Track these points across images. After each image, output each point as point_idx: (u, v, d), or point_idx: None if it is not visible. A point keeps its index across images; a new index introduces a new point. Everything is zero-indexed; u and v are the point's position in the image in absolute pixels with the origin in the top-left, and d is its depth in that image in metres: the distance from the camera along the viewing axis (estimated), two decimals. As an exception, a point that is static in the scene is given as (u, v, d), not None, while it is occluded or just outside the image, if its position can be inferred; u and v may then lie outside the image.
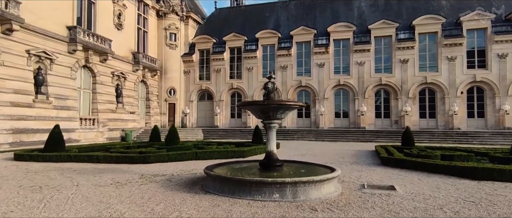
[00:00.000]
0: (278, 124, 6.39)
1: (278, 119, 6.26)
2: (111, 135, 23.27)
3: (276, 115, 6.10)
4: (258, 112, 6.26)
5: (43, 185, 6.65)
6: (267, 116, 6.17)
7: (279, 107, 5.90)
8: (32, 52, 17.64)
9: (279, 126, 6.58)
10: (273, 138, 6.37)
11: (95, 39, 21.88)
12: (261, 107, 5.99)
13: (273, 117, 6.14)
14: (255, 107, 6.13)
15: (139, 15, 28.30)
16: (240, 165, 7.21)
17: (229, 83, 30.84)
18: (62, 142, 12.68)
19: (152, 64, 28.98)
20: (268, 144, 6.39)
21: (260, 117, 6.33)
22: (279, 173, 6.04)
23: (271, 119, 6.18)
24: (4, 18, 15.58)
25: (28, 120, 17.09)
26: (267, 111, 6.03)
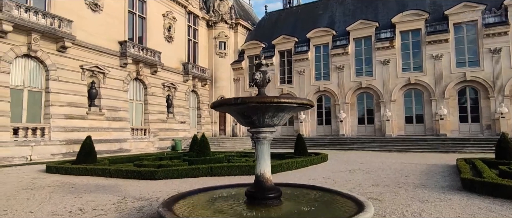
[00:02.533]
0: (270, 132, 4.27)
1: (269, 125, 4.16)
2: (161, 145, 23.44)
3: (263, 120, 4.03)
4: (236, 115, 4.28)
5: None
6: (250, 121, 4.15)
7: (264, 107, 3.80)
8: (86, 67, 18.60)
9: (274, 136, 4.43)
10: (264, 154, 4.29)
11: (145, 53, 22.46)
12: (237, 108, 4.00)
13: (260, 123, 4.07)
14: (228, 108, 4.16)
15: (189, 26, 28.63)
16: (230, 191, 5.23)
17: (279, 88, 28.89)
18: (93, 153, 12.40)
19: (202, 74, 28.92)
20: (258, 164, 4.32)
21: (243, 122, 4.33)
22: (269, 211, 3.90)
23: (256, 125, 4.14)
24: (57, 36, 16.61)
25: (81, 131, 17.88)
26: (248, 114, 4.01)
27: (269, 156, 4.36)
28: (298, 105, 3.95)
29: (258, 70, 4.37)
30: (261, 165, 4.30)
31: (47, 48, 16.55)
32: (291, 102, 3.80)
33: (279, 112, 3.99)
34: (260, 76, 4.31)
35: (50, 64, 16.71)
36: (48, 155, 15.91)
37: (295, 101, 3.84)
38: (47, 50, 16.52)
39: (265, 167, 4.29)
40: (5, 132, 14.41)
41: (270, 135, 4.27)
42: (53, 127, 16.48)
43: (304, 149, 14.21)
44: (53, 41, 16.73)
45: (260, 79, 4.31)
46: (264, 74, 4.34)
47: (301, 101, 3.94)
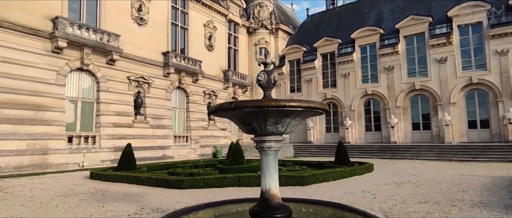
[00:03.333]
0: (276, 142, 3.67)
1: (274, 133, 3.57)
2: (203, 151, 23.83)
3: (265, 127, 3.46)
4: (237, 122, 3.76)
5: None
6: (251, 128, 3.61)
7: (264, 112, 3.24)
8: (132, 78, 19.72)
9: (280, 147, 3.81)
10: (269, 167, 3.70)
11: (187, 62, 23.20)
12: (233, 114, 3.49)
13: (262, 131, 3.51)
14: (224, 113, 3.64)
15: (229, 34, 29.03)
16: (240, 207, 4.69)
17: (322, 93, 27.64)
18: (132, 160, 12.84)
19: (242, 81, 29.00)
20: (262, 178, 3.75)
21: (244, 130, 3.79)
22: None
23: (259, 133, 3.59)
24: (107, 50, 17.86)
25: (127, 139, 18.82)
26: (247, 120, 3.48)
27: (276, 169, 3.76)
28: (305, 110, 3.29)
29: (262, 71, 3.82)
30: (266, 179, 3.71)
31: (98, 62, 17.86)
32: (294, 106, 3.18)
33: (283, 118, 3.39)
34: (264, 77, 3.76)
35: (101, 77, 17.99)
36: (98, 161, 17.02)
37: (299, 105, 3.20)
38: (97, 63, 17.84)
39: (270, 182, 3.69)
40: (61, 140, 15.75)
41: (276, 144, 3.67)
42: (103, 135, 17.64)
43: (345, 157, 13.07)
44: (103, 54, 18.02)
45: (264, 80, 3.76)
46: (269, 74, 3.78)
47: (307, 105, 3.28)
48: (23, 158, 14.27)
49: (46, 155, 15.08)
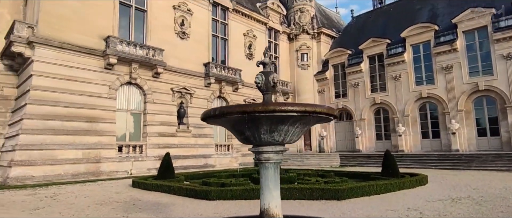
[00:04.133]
0: (275, 153, 3.21)
1: (271, 143, 3.13)
2: (244, 160, 23.74)
3: (259, 136, 3.05)
4: (231, 130, 3.39)
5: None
6: (244, 137, 3.24)
7: (253, 119, 2.83)
8: (175, 90, 20.59)
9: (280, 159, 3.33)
10: (268, 182, 3.25)
11: (227, 71, 23.59)
12: (223, 120, 3.13)
13: (256, 140, 3.11)
14: (213, 120, 3.28)
15: (269, 42, 28.93)
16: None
17: (371, 98, 25.82)
18: (171, 169, 13.18)
19: (284, 88, 28.54)
20: (261, 195, 3.30)
21: (239, 139, 3.41)
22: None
23: (253, 143, 3.18)
24: (152, 64, 18.92)
25: (171, 148, 19.56)
26: (238, 128, 3.10)
27: (277, 184, 3.30)
28: (302, 115, 2.80)
29: (260, 72, 3.42)
30: (265, 197, 3.26)
31: (144, 75, 18.99)
32: (286, 110, 2.71)
33: (279, 125, 2.94)
34: (262, 79, 3.36)
35: (147, 89, 19.08)
36: (144, 169, 17.90)
37: (293, 109, 2.73)
38: (144, 77, 18.97)
39: (270, 200, 3.23)
40: (111, 149, 16.92)
41: (275, 156, 3.22)
42: (149, 144, 18.57)
43: (393, 168, 11.78)
44: (149, 68, 19.12)
45: (262, 82, 3.36)
46: (267, 76, 3.38)
47: (303, 109, 2.78)
48: (79, 166, 15.58)
49: (99, 163, 16.29)
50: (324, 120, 3.33)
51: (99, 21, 17.29)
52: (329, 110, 2.97)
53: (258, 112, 2.69)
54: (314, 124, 3.62)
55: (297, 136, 3.22)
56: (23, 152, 14.01)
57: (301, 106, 2.79)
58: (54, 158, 14.82)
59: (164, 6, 20.63)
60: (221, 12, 24.77)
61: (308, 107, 2.82)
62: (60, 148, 15.12)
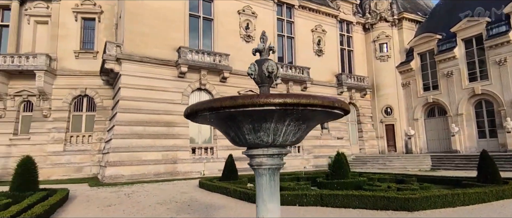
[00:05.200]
0: (269, 157, 2.60)
1: (259, 145, 2.52)
2: (317, 162, 22.63)
3: (243, 136, 2.50)
4: (217, 128, 2.89)
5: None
6: (231, 138, 2.70)
7: (232, 116, 2.30)
8: (241, 93, 20.95)
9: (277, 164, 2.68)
10: (263, 192, 2.63)
11: (294, 70, 22.92)
12: (199, 119, 2.65)
13: (241, 141, 2.55)
14: (193, 119, 2.80)
15: (341, 35, 27.06)
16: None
17: (469, 88, 21.51)
18: (234, 171, 13.25)
19: (360, 83, 26.19)
20: (257, 207, 2.71)
21: (228, 139, 2.87)
22: None
23: (240, 144, 2.64)
24: (219, 69, 19.69)
25: (238, 149, 19.96)
26: (222, 127, 2.61)
27: (274, 194, 2.66)
28: (282, 108, 2.13)
29: (254, 62, 2.85)
30: (260, 210, 2.67)
31: (213, 81, 19.89)
32: (258, 103, 2.09)
33: (262, 122, 2.33)
34: (254, 68, 2.78)
35: (215, 94, 19.92)
36: (216, 170, 18.63)
37: (267, 102, 2.08)
38: (212, 82, 19.87)
39: (265, 213, 2.62)
40: (186, 151, 18.17)
41: (269, 160, 2.60)
42: (219, 146, 19.30)
43: (493, 172, 9.36)
44: (216, 74, 19.95)
45: (255, 73, 2.78)
46: (260, 65, 2.78)
47: (282, 101, 2.10)
48: (159, 166, 17.16)
49: (175, 164, 17.67)
50: (333, 116, 2.56)
51: (172, 34, 18.85)
52: (325, 101, 2.22)
53: (226, 107, 2.16)
54: (320, 121, 2.86)
55: (294, 135, 2.53)
56: (115, 154, 16.16)
57: (280, 97, 2.13)
58: (139, 159, 16.67)
59: (229, 12, 21.28)
60: (286, 11, 24.28)
61: (290, 99, 2.14)
62: (144, 150, 16.93)
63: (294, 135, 2.52)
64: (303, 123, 2.46)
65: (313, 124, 2.60)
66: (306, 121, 2.46)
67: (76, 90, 19.92)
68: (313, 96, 2.27)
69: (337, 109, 2.33)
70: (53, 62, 19.66)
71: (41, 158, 18.49)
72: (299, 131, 2.53)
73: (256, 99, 2.11)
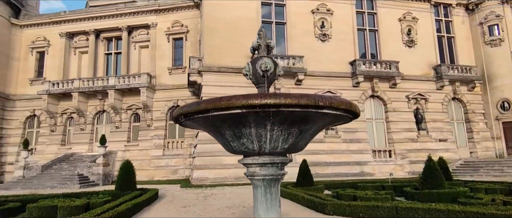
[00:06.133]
0: (262, 166, 2.29)
1: (246, 153, 2.25)
2: (413, 169, 19.83)
3: (228, 143, 2.29)
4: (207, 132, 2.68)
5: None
6: (221, 144, 2.50)
7: (210, 121, 2.13)
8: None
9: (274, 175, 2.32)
10: (258, 205, 2.32)
11: (379, 66, 20.82)
12: (187, 124, 2.51)
13: (228, 148, 2.34)
14: (187, 124, 2.65)
15: (437, 21, 23.37)
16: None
17: None
18: (308, 176, 12.80)
19: (466, 75, 21.95)
20: None
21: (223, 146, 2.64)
22: None
23: (231, 151, 2.43)
24: (292, 72, 19.44)
25: (320, 154, 19.18)
26: (211, 132, 2.44)
27: (272, 209, 2.30)
28: (249, 111, 1.82)
29: (249, 61, 2.59)
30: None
31: (287, 85, 19.68)
32: (220, 107, 1.84)
33: (241, 127, 2.06)
34: (249, 68, 2.54)
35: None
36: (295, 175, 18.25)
37: (230, 105, 1.81)
38: (287, 86, 19.68)
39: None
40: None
41: (262, 170, 2.28)
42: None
43: None
44: (290, 77, 19.65)
45: (250, 73, 2.53)
46: (254, 64, 2.51)
47: (246, 103, 1.78)
48: (238, 170, 17.63)
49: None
50: (338, 118, 2.09)
51: (246, 43, 19.44)
52: (304, 100, 1.79)
53: (192, 113, 1.99)
54: (321, 125, 2.36)
55: (285, 142, 2.16)
56: (200, 158, 17.63)
57: (244, 98, 1.82)
58: (221, 163, 17.73)
59: (303, 13, 20.87)
60: (367, 2, 22.39)
61: (255, 99, 1.81)
62: (224, 155, 17.87)
63: (284, 141, 2.16)
64: (292, 127, 2.08)
65: (310, 127, 2.18)
66: (295, 125, 2.07)
67: (170, 102, 22.67)
68: (285, 95, 1.89)
69: (326, 109, 1.88)
70: (152, 79, 22.92)
71: (146, 161, 21.67)
72: (290, 136, 2.15)
73: (218, 103, 1.87)
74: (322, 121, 2.18)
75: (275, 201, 2.37)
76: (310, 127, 2.18)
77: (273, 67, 2.49)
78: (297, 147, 2.30)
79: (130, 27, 24.49)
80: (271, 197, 2.36)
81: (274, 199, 2.36)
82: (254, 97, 1.82)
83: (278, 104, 1.81)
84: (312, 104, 1.85)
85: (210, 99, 2.01)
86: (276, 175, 2.38)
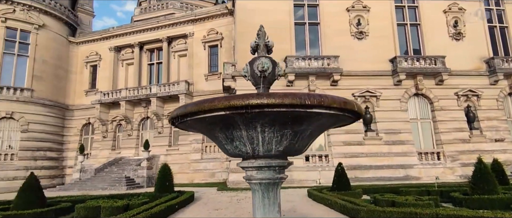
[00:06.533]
0: (258, 169, 2.26)
1: (241, 156, 2.25)
2: (465, 172, 17.99)
3: (222, 145, 2.31)
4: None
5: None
6: (219, 145, 2.52)
7: (203, 124, 2.17)
8: (356, 95, 19.31)
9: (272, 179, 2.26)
10: (256, 211, 2.31)
11: (422, 62, 19.43)
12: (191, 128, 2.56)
13: (225, 150, 2.36)
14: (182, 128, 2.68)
15: (488, 10, 21.26)
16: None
17: None
18: (344, 180, 12.29)
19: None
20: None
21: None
22: None
23: (228, 154, 2.45)
24: (327, 73, 18.95)
25: (359, 157, 18.38)
26: (203, 133, 2.47)
27: (270, 215, 2.25)
28: (234, 113, 1.80)
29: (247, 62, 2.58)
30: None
31: (322, 86, 19.21)
32: (206, 109, 1.85)
33: (231, 130, 2.07)
34: (247, 69, 2.55)
35: (327, 99, 19.17)
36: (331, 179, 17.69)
37: (213, 107, 1.81)
38: (322, 87, 19.19)
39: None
40: (299, 159, 18.11)
41: (259, 174, 2.24)
42: (334, 153, 18.36)
43: None
44: (326, 78, 19.20)
45: (248, 74, 2.53)
46: (252, 64, 2.50)
47: (228, 104, 1.76)
48: (275, 174, 17.83)
49: (290, 172, 17.83)
50: (338, 120, 2.00)
51: (278, 46, 19.11)
52: (289, 100, 1.73)
53: (182, 115, 2.04)
54: (321, 126, 2.24)
55: (279, 144, 2.10)
56: (234, 161, 17.88)
57: (226, 100, 1.81)
58: (257, 166, 17.81)
59: (337, 12, 20.31)
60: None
61: (237, 101, 1.79)
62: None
63: (278, 143, 2.11)
64: (285, 129, 2.04)
65: (305, 129, 2.11)
66: (287, 126, 2.02)
67: (207, 108, 23.37)
68: (268, 94, 1.84)
69: (316, 108, 1.80)
70: (190, 86, 23.89)
71: (186, 165, 22.57)
72: (284, 138, 2.10)
73: (201, 105, 1.90)
74: (317, 122, 2.08)
75: (273, 206, 2.32)
76: (305, 128, 2.10)
77: (271, 67, 2.46)
78: (293, 149, 2.23)
79: (170, 38, 25.83)
80: (269, 202, 2.31)
81: (272, 204, 2.31)
82: (236, 98, 1.82)
83: (261, 105, 1.78)
84: (298, 103, 1.78)
85: (196, 102, 2.04)
86: (274, 179, 2.33)
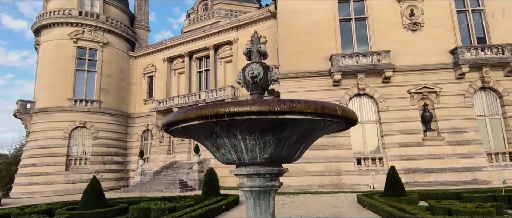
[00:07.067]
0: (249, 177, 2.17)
1: (230, 163, 2.20)
2: (552, 176, 15.38)
3: (213, 153, 2.28)
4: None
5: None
6: (210, 152, 2.49)
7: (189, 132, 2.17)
8: (412, 92, 17.78)
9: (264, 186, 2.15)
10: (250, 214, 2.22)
11: (488, 52, 17.10)
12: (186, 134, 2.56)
13: (215, 157, 2.35)
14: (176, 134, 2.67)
15: None
16: None
17: None
18: (398, 185, 11.32)
19: None
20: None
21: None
22: None
23: (218, 160, 2.41)
24: (378, 69, 17.73)
25: (418, 159, 16.82)
26: (196, 138, 2.48)
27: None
28: (208, 122, 1.74)
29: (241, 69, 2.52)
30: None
31: (373, 83, 18.07)
32: (180, 119, 1.83)
33: (216, 138, 2.01)
34: (241, 75, 2.48)
35: (378, 97, 17.97)
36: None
37: (187, 117, 1.77)
38: (373, 85, 18.06)
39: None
40: (349, 162, 17.22)
41: (249, 181, 2.14)
42: (389, 156, 17.03)
43: None
44: (377, 75, 17.97)
45: (242, 81, 2.46)
46: (244, 70, 2.42)
47: (199, 113, 1.71)
48: (323, 178, 17.20)
49: (340, 176, 17.14)
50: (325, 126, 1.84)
51: (324, 45, 18.90)
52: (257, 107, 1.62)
53: (167, 124, 2.06)
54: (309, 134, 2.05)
55: (264, 151, 1.97)
56: (282, 165, 17.73)
57: (199, 109, 1.76)
58: (304, 170, 17.40)
59: (386, 3, 18.94)
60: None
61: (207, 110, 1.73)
62: (307, 162, 17.47)
63: (261, 150, 2.00)
64: (266, 136, 1.92)
65: (289, 135, 1.96)
66: (268, 133, 1.91)
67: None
68: (236, 103, 1.74)
69: (289, 114, 1.66)
70: (236, 91, 24.47)
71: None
72: (267, 145, 1.98)
73: (178, 115, 1.89)
74: (299, 128, 1.91)
75: (265, 214, 2.20)
76: (289, 135, 1.96)
77: (263, 73, 2.36)
78: (280, 156, 2.09)
79: (216, 46, 26.87)
80: (261, 210, 2.20)
81: (264, 212, 2.20)
82: (206, 108, 1.76)
83: (230, 113, 1.70)
84: (267, 110, 1.66)
85: (174, 113, 2.05)
86: (264, 187, 2.21)
